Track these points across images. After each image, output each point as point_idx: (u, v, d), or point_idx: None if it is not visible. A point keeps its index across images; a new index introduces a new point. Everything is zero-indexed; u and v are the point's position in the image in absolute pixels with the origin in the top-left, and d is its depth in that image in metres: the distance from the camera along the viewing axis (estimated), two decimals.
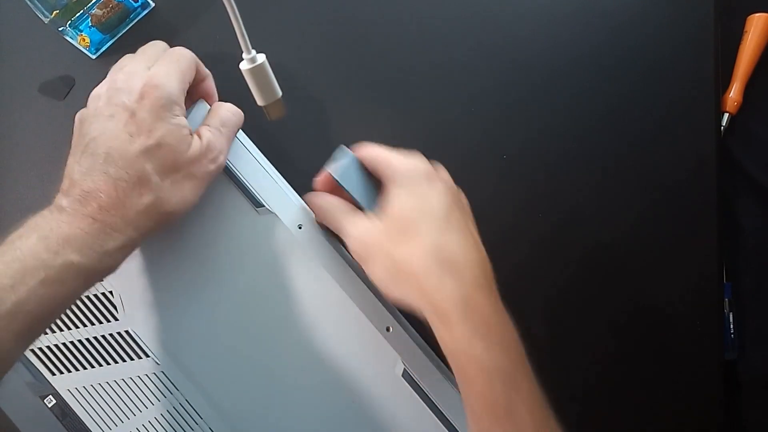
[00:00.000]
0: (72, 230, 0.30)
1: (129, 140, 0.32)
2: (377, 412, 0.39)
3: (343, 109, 0.43)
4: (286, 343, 0.39)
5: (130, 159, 0.32)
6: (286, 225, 0.39)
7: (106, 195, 0.31)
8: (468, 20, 0.43)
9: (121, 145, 0.32)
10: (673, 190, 0.43)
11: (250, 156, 0.40)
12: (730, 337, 0.49)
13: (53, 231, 0.30)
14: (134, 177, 0.32)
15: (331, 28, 0.44)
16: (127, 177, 0.32)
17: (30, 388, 0.39)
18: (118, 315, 0.39)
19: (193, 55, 0.36)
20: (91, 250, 0.31)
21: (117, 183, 0.31)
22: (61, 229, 0.30)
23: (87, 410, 0.39)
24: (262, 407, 0.39)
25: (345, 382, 0.39)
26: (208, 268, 0.39)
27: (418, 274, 0.32)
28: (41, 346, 0.39)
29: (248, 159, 0.39)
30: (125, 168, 0.32)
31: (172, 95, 0.33)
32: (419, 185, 0.34)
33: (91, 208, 0.31)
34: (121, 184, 0.32)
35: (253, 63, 0.35)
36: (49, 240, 0.30)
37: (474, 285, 0.32)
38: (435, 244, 0.32)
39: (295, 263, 0.39)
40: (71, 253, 0.30)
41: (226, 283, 0.39)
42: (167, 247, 0.39)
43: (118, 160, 0.32)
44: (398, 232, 0.33)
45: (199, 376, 0.39)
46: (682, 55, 0.43)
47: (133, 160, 0.32)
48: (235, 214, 0.39)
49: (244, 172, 0.39)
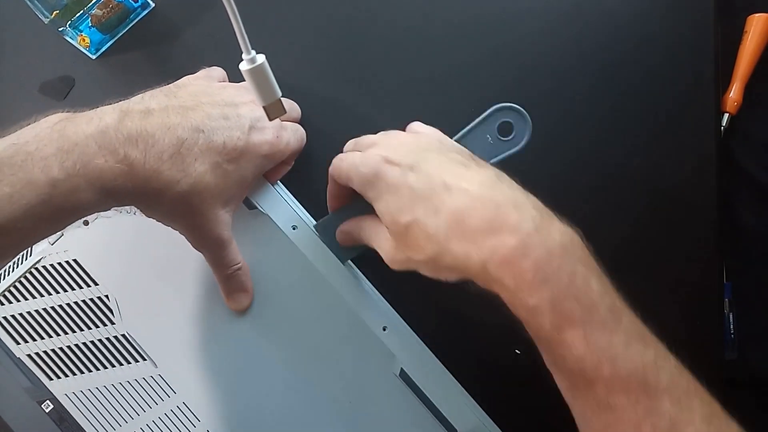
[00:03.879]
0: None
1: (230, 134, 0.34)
2: (374, 412, 0.39)
3: (342, 110, 0.43)
4: (282, 343, 0.39)
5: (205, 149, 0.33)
6: (280, 226, 0.39)
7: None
8: (468, 22, 0.43)
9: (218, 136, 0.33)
10: (673, 190, 0.43)
11: None
12: (730, 337, 0.49)
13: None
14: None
15: (332, 28, 0.44)
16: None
17: (27, 393, 0.39)
18: (114, 319, 0.39)
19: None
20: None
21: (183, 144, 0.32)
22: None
23: (84, 414, 0.39)
24: (260, 408, 0.39)
25: (341, 382, 0.39)
26: (203, 270, 0.39)
27: (468, 261, 0.29)
28: (38, 351, 0.39)
29: None
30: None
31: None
32: (381, 192, 0.32)
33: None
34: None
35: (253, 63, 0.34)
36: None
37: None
38: (444, 224, 0.29)
39: (289, 264, 0.39)
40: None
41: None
42: (162, 251, 0.39)
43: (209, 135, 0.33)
44: (400, 237, 0.32)
45: (196, 379, 0.39)
46: (682, 55, 0.43)
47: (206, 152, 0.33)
48: None
49: None
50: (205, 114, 0.33)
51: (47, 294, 0.39)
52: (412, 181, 0.31)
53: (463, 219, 0.29)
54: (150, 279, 0.39)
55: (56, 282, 0.39)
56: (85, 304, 0.39)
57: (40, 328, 0.39)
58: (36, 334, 0.39)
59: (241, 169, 0.34)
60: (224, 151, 0.33)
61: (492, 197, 0.29)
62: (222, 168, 0.33)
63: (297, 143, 0.39)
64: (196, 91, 0.35)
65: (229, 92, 0.36)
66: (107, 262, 0.39)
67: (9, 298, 0.39)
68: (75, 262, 0.39)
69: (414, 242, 0.31)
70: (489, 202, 0.29)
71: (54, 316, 0.39)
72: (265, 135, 0.36)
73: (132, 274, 0.39)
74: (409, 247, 0.31)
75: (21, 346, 0.39)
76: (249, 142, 0.34)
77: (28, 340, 0.39)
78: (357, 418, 0.39)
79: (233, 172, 0.34)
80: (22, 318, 0.39)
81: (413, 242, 0.31)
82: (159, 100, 0.33)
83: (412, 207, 0.30)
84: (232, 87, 0.37)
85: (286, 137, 0.37)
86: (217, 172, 0.33)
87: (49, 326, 0.39)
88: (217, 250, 0.36)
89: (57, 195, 0.28)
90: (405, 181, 0.31)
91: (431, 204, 0.30)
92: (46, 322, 0.39)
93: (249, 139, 0.35)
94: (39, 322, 0.39)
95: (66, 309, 0.39)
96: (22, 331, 0.39)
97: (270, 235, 0.39)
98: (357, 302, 0.39)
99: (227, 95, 0.36)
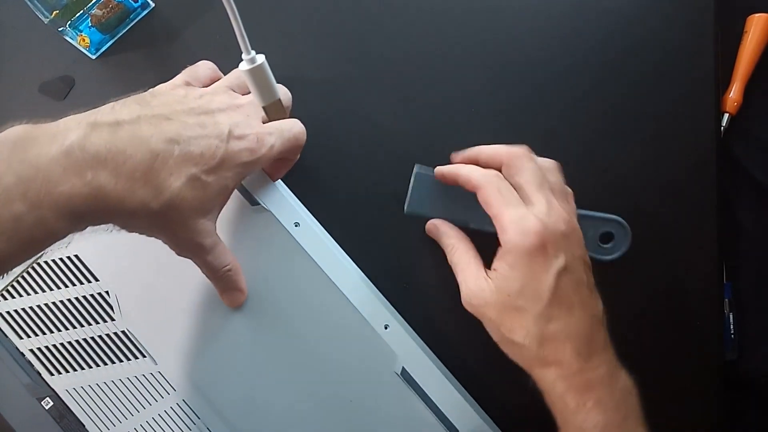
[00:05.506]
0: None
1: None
2: (375, 411, 0.39)
3: (342, 110, 0.43)
4: (283, 341, 0.39)
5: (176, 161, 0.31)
6: (282, 223, 0.39)
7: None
8: (468, 19, 0.43)
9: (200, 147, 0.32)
10: (673, 190, 0.43)
11: None
12: (730, 337, 0.49)
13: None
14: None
15: (332, 28, 0.44)
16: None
17: (27, 390, 0.39)
18: (114, 315, 0.39)
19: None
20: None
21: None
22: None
23: (84, 410, 0.39)
24: (260, 406, 0.39)
25: (343, 380, 0.39)
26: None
27: (522, 351, 0.33)
28: (39, 347, 0.39)
29: None
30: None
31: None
32: (531, 263, 0.32)
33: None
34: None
35: (253, 63, 0.34)
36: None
37: (574, 356, 0.32)
38: (536, 330, 0.33)
39: (291, 261, 0.39)
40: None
41: None
42: (162, 247, 0.39)
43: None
44: (504, 307, 0.33)
45: (195, 376, 0.39)
46: (682, 55, 0.43)
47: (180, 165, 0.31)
48: (230, 212, 0.39)
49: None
50: (181, 123, 0.31)
51: (48, 290, 0.39)
52: (562, 283, 0.33)
53: (564, 343, 0.32)
54: (150, 276, 0.39)
55: (57, 278, 0.39)
56: (85, 300, 0.39)
57: (41, 323, 0.39)
58: (38, 330, 0.39)
59: (221, 179, 0.32)
60: (202, 162, 0.31)
61: (590, 337, 0.33)
62: (200, 180, 0.31)
63: (285, 144, 0.36)
64: (171, 100, 0.33)
65: (206, 99, 0.34)
66: (108, 258, 0.39)
67: (11, 293, 0.39)
68: (76, 257, 0.39)
69: (513, 321, 0.33)
70: (586, 340, 0.33)
71: (55, 312, 0.39)
72: (246, 142, 0.33)
73: (133, 271, 0.39)
74: (505, 316, 0.33)
75: (23, 341, 0.39)
76: (228, 151, 0.32)
77: (30, 335, 0.39)
78: (358, 416, 0.39)
79: (213, 183, 0.32)
80: (24, 313, 0.39)
81: (513, 320, 0.33)
82: (131, 109, 0.31)
83: (543, 302, 0.32)
84: (211, 92, 0.35)
85: (270, 141, 0.35)
86: (195, 184, 0.31)
87: (50, 321, 0.39)
88: (201, 256, 0.35)
89: (23, 229, 0.27)
90: (553, 278, 0.32)
91: (555, 312, 0.32)
92: (48, 318, 0.39)
93: (228, 148, 0.32)
94: (40, 317, 0.39)
95: (66, 305, 0.39)
96: (24, 325, 0.39)
97: (273, 231, 0.39)
98: (359, 300, 0.39)
99: (204, 102, 0.34)
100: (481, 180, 0.34)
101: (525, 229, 0.32)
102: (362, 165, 0.43)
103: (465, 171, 0.36)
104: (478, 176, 0.35)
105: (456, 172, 0.36)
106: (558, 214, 0.33)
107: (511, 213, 0.33)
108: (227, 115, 0.34)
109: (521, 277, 0.32)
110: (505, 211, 0.33)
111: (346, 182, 0.43)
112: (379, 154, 0.43)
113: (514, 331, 0.33)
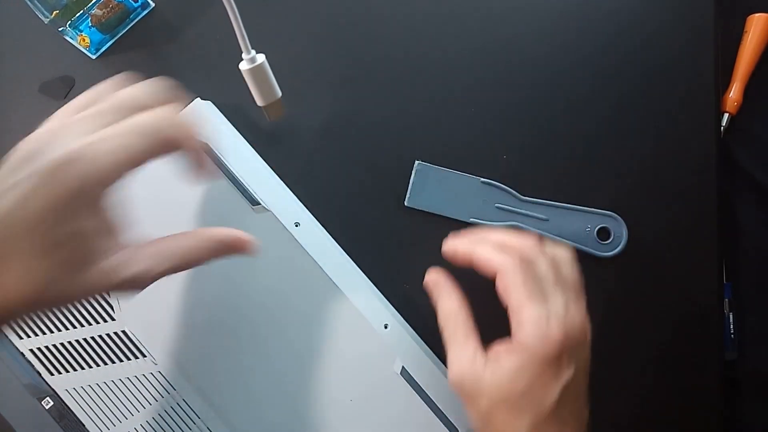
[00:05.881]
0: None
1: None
2: (375, 410, 0.39)
3: (342, 109, 0.43)
4: (284, 340, 0.39)
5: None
6: (283, 223, 0.39)
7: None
8: (468, 20, 0.43)
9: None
10: (673, 190, 0.43)
11: (246, 154, 0.40)
12: (730, 337, 0.49)
13: None
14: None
15: (331, 28, 0.44)
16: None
17: (27, 390, 0.39)
18: (114, 315, 0.39)
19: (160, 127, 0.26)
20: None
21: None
22: None
23: (84, 410, 0.39)
24: (260, 405, 0.39)
25: (342, 379, 0.39)
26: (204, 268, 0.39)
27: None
28: (39, 346, 0.39)
29: (244, 157, 0.39)
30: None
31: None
32: (543, 371, 0.30)
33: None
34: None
35: (253, 63, 0.35)
36: None
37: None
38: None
39: (292, 260, 0.39)
40: None
41: (222, 281, 0.39)
42: None
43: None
44: (500, 403, 0.31)
45: (196, 376, 0.39)
46: (682, 55, 0.43)
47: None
48: (231, 212, 0.39)
49: (239, 170, 0.39)
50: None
51: None
52: (565, 396, 0.31)
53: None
54: None
55: None
56: (86, 300, 0.39)
57: (41, 323, 0.39)
58: (38, 329, 0.39)
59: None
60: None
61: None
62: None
63: (114, 159, 0.25)
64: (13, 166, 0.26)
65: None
66: None
67: None
68: None
69: (506, 421, 0.31)
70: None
71: (55, 312, 0.39)
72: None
73: None
74: (498, 412, 0.31)
75: (23, 341, 0.39)
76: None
77: (30, 335, 0.39)
78: (358, 415, 0.39)
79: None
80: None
81: (506, 419, 0.31)
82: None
83: (543, 412, 0.31)
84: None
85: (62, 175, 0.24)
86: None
87: (50, 321, 0.39)
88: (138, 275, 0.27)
89: None
90: (560, 389, 0.31)
91: (549, 425, 0.31)
92: (47, 318, 0.39)
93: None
94: (40, 317, 0.39)
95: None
96: (24, 325, 0.39)
97: (273, 231, 0.39)
98: (359, 299, 0.39)
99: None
100: (503, 265, 0.32)
101: (546, 335, 0.30)
102: (362, 165, 0.43)
103: (482, 253, 0.33)
104: (500, 261, 0.32)
105: (471, 251, 0.34)
106: (574, 318, 0.32)
107: (531, 311, 0.31)
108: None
109: (528, 381, 0.30)
110: (526, 304, 0.31)
111: (346, 182, 0.43)
112: (379, 154, 0.43)
113: (503, 430, 0.31)
